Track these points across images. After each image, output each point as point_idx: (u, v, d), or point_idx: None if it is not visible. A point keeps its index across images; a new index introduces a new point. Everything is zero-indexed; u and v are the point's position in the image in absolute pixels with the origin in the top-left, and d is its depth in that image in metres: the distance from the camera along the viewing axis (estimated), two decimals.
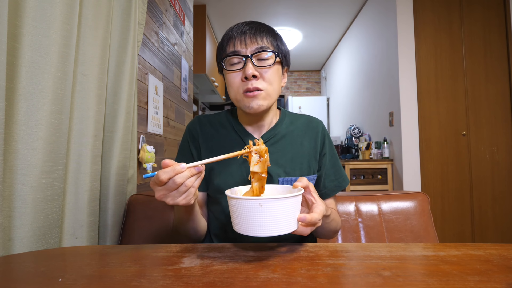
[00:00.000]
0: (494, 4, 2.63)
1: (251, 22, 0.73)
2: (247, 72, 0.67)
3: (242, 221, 0.49)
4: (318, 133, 0.80)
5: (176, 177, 0.49)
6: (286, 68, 0.78)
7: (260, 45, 0.69)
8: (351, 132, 3.60)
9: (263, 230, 0.48)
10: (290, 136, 0.78)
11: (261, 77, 0.69)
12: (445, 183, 2.56)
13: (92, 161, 0.89)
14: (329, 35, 4.43)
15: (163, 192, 0.50)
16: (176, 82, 2.01)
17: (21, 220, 0.66)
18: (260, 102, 0.69)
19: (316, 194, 0.57)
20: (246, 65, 0.68)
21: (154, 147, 1.47)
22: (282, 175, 0.74)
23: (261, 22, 0.74)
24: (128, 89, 1.08)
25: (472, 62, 2.61)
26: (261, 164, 0.57)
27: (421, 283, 0.40)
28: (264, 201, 0.47)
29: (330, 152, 0.81)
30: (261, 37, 0.70)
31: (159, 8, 1.69)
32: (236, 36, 0.70)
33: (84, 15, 0.86)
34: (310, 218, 0.51)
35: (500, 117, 2.57)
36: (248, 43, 0.69)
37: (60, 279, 0.43)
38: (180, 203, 0.51)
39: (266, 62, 0.70)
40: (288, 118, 0.82)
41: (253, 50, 0.68)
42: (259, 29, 0.71)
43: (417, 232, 0.95)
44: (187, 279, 0.42)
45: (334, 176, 0.80)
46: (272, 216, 0.47)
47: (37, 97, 0.68)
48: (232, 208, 0.51)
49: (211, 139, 0.79)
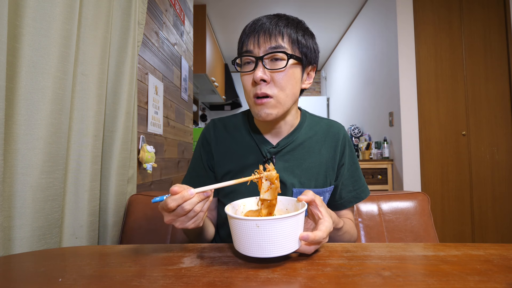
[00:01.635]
0: (494, 4, 2.62)
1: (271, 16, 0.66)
2: (255, 76, 0.62)
3: (241, 241, 0.47)
4: (339, 141, 0.74)
5: (184, 204, 0.48)
6: (312, 67, 0.70)
7: (273, 45, 0.62)
8: (351, 132, 3.60)
9: (261, 251, 0.45)
10: (308, 143, 0.73)
11: (272, 81, 0.63)
12: (445, 183, 2.56)
13: (92, 161, 0.89)
14: (329, 35, 4.43)
15: (172, 217, 0.50)
16: (176, 82, 2.01)
17: (21, 220, 0.66)
18: (268, 111, 0.64)
19: (324, 208, 0.53)
20: (257, 67, 0.62)
21: (154, 147, 1.47)
22: (297, 185, 0.70)
23: (282, 15, 0.67)
24: (128, 89, 1.08)
25: (472, 62, 2.61)
26: (272, 191, 0.53)
27: (421, 283, 0.40)
28: (261, 222, 0.44)
29: (349, 162, 0.76)
30: (277, 35, 0.62)
31: (159, 8, 1.69)
32: (251, 33, 0.64)
33: (84, 15, 0.86)
34: (313, 237, 0.47)
35: (500, 117, 2.57)
36: (261, 43, 0.62)
37: (60, 279, 0.43)
38: (189, 227, 0.51)
39: (279, 64, 0.63)
40: (308, 122, 0.76)
41: (265, 51, 0.62)
42: (276, 25, 0.63)
43: (417, 232, 0.95)
44: (187, 279, 0.42)
45: (352, 187, 0.75)
46: (270, 237, 0.45)
47: (37, 97, 0.68)
48: (231, 227, 0.49)
49: (225, 144, 0.75)
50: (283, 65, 0.62)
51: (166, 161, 1.78)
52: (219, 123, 0.79)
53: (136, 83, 1.18)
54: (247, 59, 0.65)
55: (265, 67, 0.62)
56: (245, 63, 0.66)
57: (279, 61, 0.63)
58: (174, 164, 1.93)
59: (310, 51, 0.67)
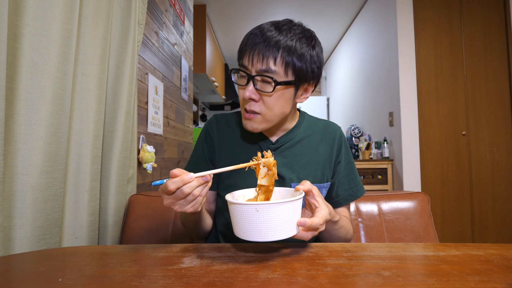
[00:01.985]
0: (494, 3, 2.62)
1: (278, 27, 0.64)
2: (244, 95, 0.65)
3: (240, 226, 0.49)
4: (335, 140, 0.78)
5: (184, 187, 0.49)
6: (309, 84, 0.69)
7: (264, 67, 0.62)
8: (351, 132, 3.60)
9: (260, 235, 0.47)
10: (306, 141, 0.76)
11: (261, 99, 0.65)
12: (445, 183, 2.56)
13: (92, 161, 0.89)
14: (329, 35, 4.43)
15: (171, 201, 0.51)
16: (176, 82, 2.01)
17: (21, 220, 0.66)
18: (255, 126, 0.68)
19: (320, 198, 0.56)
20: (247, 85, 0.65)
21: (154, 147, 1.47)
22: (295, 180, 0.73)
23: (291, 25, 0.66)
24: (128, 89, 1.08)
25: (472, 61, 2.61)
26: (269, 177, 0.55)
27: (421, 283, 0.40)
28: (261, 206, 0.46)
29: (346, 160, 0.79)
30: (270, 57, 0.62)
31: (159, 8, 1.69)
32: (248, 48, 0.64)
33: (84, 15, 0.86)
34: (310, 223, 0.50)
35: (500, 117, 2.57)
36: (254, 62, 0.63)
37: (60, 279, 0.43)
38: (187, 211, 0.52)
39: (267, 87, 0.64)
40: (306, 122, 0.79)
41: (257, 71, 0.63)
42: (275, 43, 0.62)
43: (417, 232, 0.95)
44: (187, 279, 0.42)
45: (348, 185, 0.78)
46: (269, 221, 0.46)
47: (37, 97, 0.68)
48: (231, 213, 0.51)
49: (227, 139, 0.78)
50: (270, 89, 0.63)
51: (166, 161, 1.78)
52: (221, 119, 0.81)
53: (136, 83, 1.18)
54: (242, 74, 0.68)
55: (255, 87, 0.64)
56: (241, 76, 0.68)
57: (269, 85, 0.64)
58: (174, 164, 1.93)
59: (306, 71, 0.65)
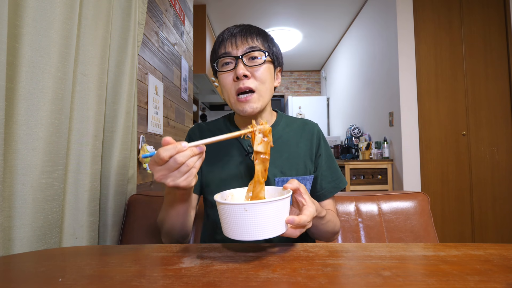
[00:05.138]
0: (494, 3, 2.62)
1: (242, 25, 0.76)
2: (238, 72, 0.69)
3: (229, 226, 0.49)
4: (314, 135, 0.81)
5: (177, 156, 0.47)
6: (279, 68, 0.80)
7: (250, 45, 0.71)
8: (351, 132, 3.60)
9: (249, 235, 0.47)
10: (286, 137, 0.80)
11: (252, 76, 0.71)
12: (445, 183, 2.56)
13: (92, 161, 0.89)
14: (329, 35, 4.43)
15: (163, 172, 0.49)
16: (176, 82, 2.01)
17: (21, 220, 0.66)
18: (254, 105, 0.71)
19: (307, 195, 0.57)
20: (237, 65, 0.70)
21: (154, 147, 1.47)
22: (278, 175, 0.75)
23: (251, 25, 0.77)
24: (128, 89, 1.08)
25: (472, 61, 2.61)
26: (265, 144, 0.56)
27: (421, 283, 0.40)
28: (249, 206, 0.46)
29: (326, 154, 0.82)
30: (251, 38, 0.72)
31: (159, 8, 1.69)
32: (227, 38, 0.72)
33: (84, 15, 0.86)
34: (298, 220, 0.51)
35: (500, 117, 2.57)
36: (238, 44, 0.71)
37: (60, 279, 0.43)
38: (180, 184, 0.50)
39: (257, 61, 0.71)
40: (284, 121, 0.83)
41: (244, 50, 0.70)
42: (249, 31, 0.73)
43: (417, 232, 0.95)
44: (187, 279, 0.42)
45: (331, 178, 0.81)
46: (258, 220, 0.47)
47: (37, 97, 0.68)
48: (220, 213, 0.50)
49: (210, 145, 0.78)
50: (260, 62, 0.71)
51: None
52: (204, 126, 0.85)
53: (136, 83, 1.18)
54: (225, 60, 0.72)
55: (245, 64, 0.70)
56: (223, 64, 0.73)
57: (256, 59, 0.71)
58: None
59: (278, 55, 0.77)
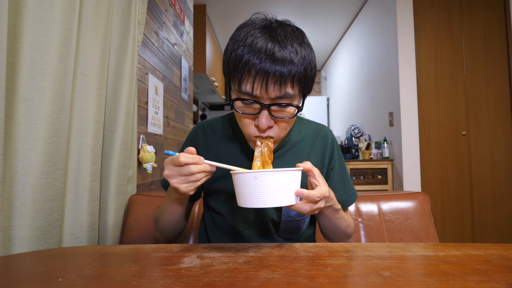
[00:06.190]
0: (494, 5, 2.62)
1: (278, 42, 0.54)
2: (262, 125, 0.56)
3: (242, 194, 0.52)
4: (327, 145, 0.75)
5: (192, 166, 0.52)
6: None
7: (283, 93, 0.55)
8: (351, 132, 3.60)
9: (259, 202, 0.51)
10: (297, 148, 0.74)
11: (275, 124, 0.59)
12: (445, 183, 2.56)
13: (92, 161, 0.89)
14: (329, 35, 4.43)
15: (174, 173, 0.54)
16: (176, 82, 2.01)
17: (21, 220, 0.66)
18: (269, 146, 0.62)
19: (321, 178, 0.56)
20: (261, 113, 0.56)
21: (154, 147, 1.47)
22: None
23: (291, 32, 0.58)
24: (128, 89, 1.08)
25: (472, 62, 2.61)
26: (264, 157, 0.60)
27: (421, 283, 0.40)
28: (259, 174, 0.50)
29: (339, 165, 0.77)
30: (287, 79, 0.54)
31: (159, 8, 1.69)
32: (257, 73, 0.53)
33: (84, 15, 0.86)
34: (307, 193, 0.52)
35: (500, 117, 2.57)
36: (270, 90, 0.54)
37: (60, 279, 0.43)
38: (180, 188, 0.54)
39: (286, 113, 0.58)
40: (296, 126, 0.75)
41: (274, 98, 0.55)
42: (287, 67, 0.53)
43: (417, 232, 0.95)
44: (187, 279, 0.42)
45: (343, 190, 0.76)
46: (267, 188, 0.50)
47: (37, 97, 0.68)
48: (234, 183, 0.54)
49: (213, 148, 0.75)
50: (290, 115, 0.58)
51: None
52: (207, 128, 0.77)
53: (136, 83, 1.18)
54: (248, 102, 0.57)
55: (271, 114, 0.57)
56: (244, 103, 0.58)
57: (286, 110, 0.58)
58: None
59: (310, 89, 0.62)
